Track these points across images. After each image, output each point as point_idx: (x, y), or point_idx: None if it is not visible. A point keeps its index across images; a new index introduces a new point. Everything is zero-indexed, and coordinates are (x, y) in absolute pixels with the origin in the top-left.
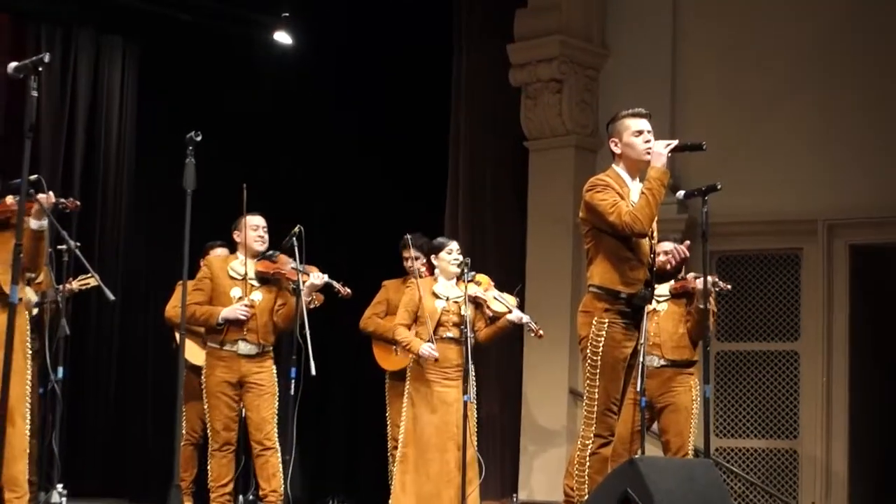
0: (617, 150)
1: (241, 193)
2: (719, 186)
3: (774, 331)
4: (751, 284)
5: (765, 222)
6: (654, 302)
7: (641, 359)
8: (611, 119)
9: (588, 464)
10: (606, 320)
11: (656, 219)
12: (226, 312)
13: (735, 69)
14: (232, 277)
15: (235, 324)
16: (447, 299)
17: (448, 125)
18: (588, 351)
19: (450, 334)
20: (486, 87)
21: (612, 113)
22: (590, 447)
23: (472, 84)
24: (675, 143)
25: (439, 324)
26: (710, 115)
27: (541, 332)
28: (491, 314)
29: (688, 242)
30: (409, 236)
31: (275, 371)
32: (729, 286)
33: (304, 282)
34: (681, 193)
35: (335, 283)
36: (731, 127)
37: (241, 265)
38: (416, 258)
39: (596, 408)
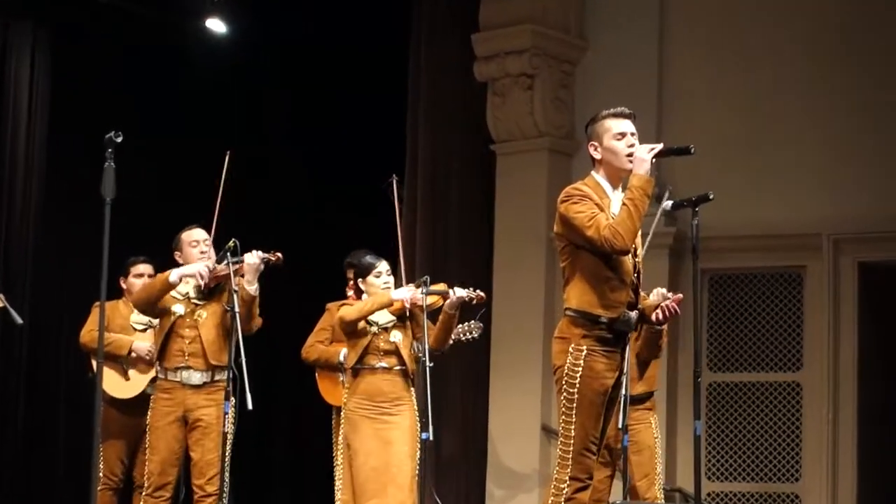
0: (597, 156)
1: (223, 161)
2: (711, 196)
3: (773, 360)
4: (747, 307)
5: (762, 237)
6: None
7: (624, 391)
8: (590, 120)
9: None
10: (584, 348)
11: (640, 233)
12: (183, 269)
13: (729, 65)
14: (174, 297)
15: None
16: (376, 325)
17: (405, 125)
18: (564, 382)
19: (383, 364)
20: (449, 83)
21: (589, 112)
22: (565, 492)
23: (433, 78)
24: (659, 147)
25: (367, 352)
26: (701, 115)
27: (480, 293)
28: (428, 309)
29: (680, 296)
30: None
31: (228, 406)
32: (680, 295)
33: (239, 277)
34: (668, 204)
35: (266, 255)
36: (725, 129)
37: (184, 284)
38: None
39: (572, 447)
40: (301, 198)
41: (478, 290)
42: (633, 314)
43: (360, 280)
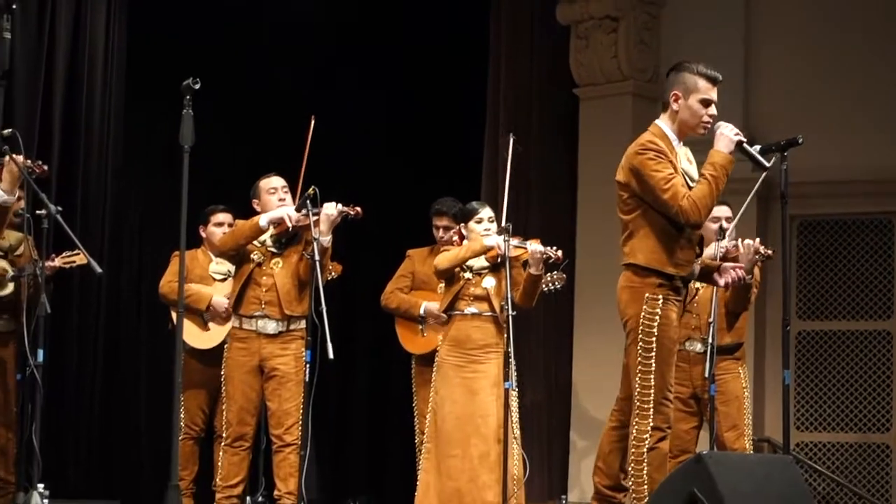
0: (675, 107)
1: (308, 126)
2: (800, 140)
3: (863, 307)
4: (836, 254)
5: (852, 182)
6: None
7: (712, 340)
8: (679, 66)
9: (646, 461)
10: (661, 296)
11: None
12: (271, 213)
13: (820, 4)
14: (252, 245)
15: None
16: (470, 270)
17: (486, 70)
18: (640, 333)
19: (473, 309)
20: (531, 26)
21: (675, 56)
22: (647, 442)
23: (514, 22)
24: (743, 138)
25: (458, 297)
26: (789, 57)
27: (559, 253)
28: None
29: (760, 248)
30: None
31: (305, 355)
32: (771, 251)
33: (318, 230)
34: (756, 148)
35: (345, 208)
36: (816, 71)
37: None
38: (448, 228)
39: (652, 396)
40: (380, 145)
41: (558, 250)
42: (696, 264)
43: (462, 225)
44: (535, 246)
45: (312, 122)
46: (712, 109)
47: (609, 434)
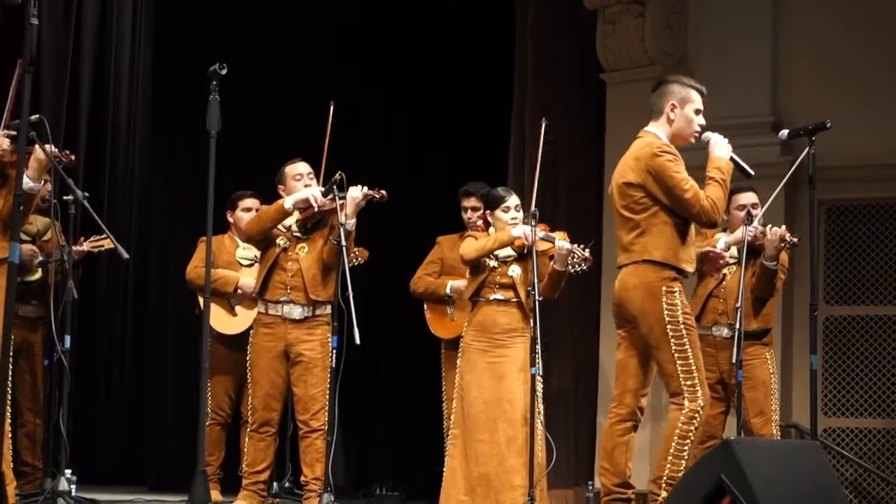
0: (671, 116)
1: (328, 112)
2: (828, 125)
3: (892, 293)
4: (865, 239)
5: (882, 165)
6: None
7: (739, 325)
8: (667, 80)
9: (691, 438)
10: (676, 288)
11: None
12: (296, 195)
13: None
14: (277, 230)
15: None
16: (496, 259)
17: (512, 55)
18: (668, 324)
19: (498, 296)
20: (557, 10)
21: (702, 39)
22: (697, 420)
23: (541, 6)
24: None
25: (483, 285)
26: (818, 38)
27: (586, 252)
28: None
29: (786, 235)
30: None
31: (331, 341)
32: (797, 239)
33: (343, 214)
34: (784, 133)
35: (371, 192)
36: (843, 54)
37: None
38: (476, 209)
39: (696, 376)
40: (407, 131)
41: (584, 248)
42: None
43: (488, 212)
44: (561, 243)
45: (332, 109)
46: (701, 119)
47: (611, 430)
